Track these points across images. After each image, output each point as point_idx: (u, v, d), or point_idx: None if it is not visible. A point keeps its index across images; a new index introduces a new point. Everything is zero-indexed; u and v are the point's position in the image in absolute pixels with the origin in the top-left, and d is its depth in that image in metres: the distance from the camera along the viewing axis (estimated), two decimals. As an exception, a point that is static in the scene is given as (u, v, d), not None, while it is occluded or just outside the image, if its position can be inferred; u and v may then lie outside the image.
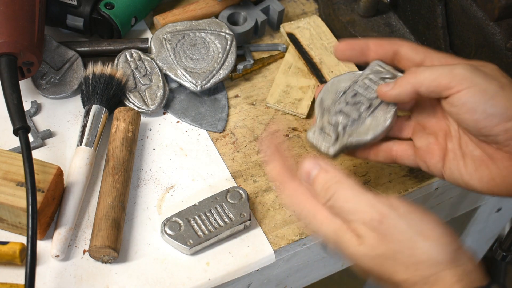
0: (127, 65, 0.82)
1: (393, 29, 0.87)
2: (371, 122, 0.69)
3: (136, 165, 0.76)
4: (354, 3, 0.88)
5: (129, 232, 0.71)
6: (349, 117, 0.69)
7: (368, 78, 0.70)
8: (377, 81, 0.70)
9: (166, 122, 0.81)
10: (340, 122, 0.69)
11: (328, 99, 0.71)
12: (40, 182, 0.66)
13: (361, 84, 0.70)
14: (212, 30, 0.85)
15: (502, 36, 0.74)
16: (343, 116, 0.69)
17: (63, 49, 0.82)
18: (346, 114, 0.69)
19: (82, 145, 0.74)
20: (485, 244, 1.24)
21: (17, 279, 0.66)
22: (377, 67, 0.70)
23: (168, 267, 0.69)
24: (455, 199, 0.90)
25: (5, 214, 0.67)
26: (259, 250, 0.71)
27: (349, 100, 0.70)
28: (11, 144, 0.75)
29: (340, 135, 0.68)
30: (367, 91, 0.70)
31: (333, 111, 0.70)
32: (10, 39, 0.72)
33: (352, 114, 0.69)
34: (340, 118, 0.69)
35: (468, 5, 0.76)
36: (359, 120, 0.69)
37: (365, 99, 0.69)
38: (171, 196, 0.74)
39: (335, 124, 0.69)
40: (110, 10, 0.83)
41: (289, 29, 0.89)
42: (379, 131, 0.68)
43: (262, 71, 0.87)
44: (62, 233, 0.68)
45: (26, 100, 0.78)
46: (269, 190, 0.76)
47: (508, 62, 0.74)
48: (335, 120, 0.69)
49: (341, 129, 0.69)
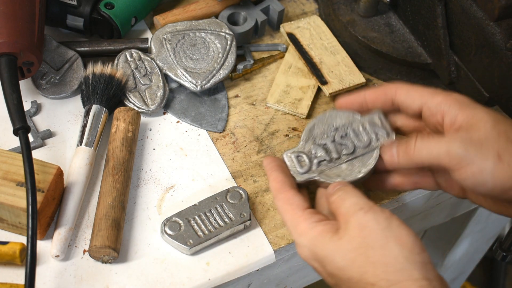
0: (127, 65, 0.82)
1: (393, 29, 0.87)
2: (345, 168, 0.70)
3: (136, 165, 0.76)
4: (354, 3, 0.88)
5: (129, 232, 0.71)
6: (328, 155, 0.70)
7: (363, 126, 0.71)
8: (370, 133, 0.71)
9: (166, 122, 0.81)
10: (318, 156, 0.70)
11: (319, 129, 0.72)
12: (40, 182, 0.66)
13: (354, 128, 0.72)
14: (212, 30, 0.85)
15: (502, 36, 0.74)
16: (324, 151, 0.71)
17: (63, 49, 0.82)
18: (328, 151, 0.71)
19: (82, 145, 0.74)
20: (485, 244, 1.24)
21: (17, 279, 0.66)
22: (376, 119, 0.72)
23: (168, 267, 0.69)
24: (455, 199, 0.90)
25: (5, 214, 0.67)
26: (259, 250, 0.71)
27: (336, 139, 0.71)
28: (11, 144, 0.75)
29: (312, 168, 0.70)
30: (356, 138, 0.71)
31: (317, 142, 0.71)
32: (10, 39, 0.72)
33: (332, 153, 0.71)
34: (320, 153, 0.70)
35: (468, 5, 0.76)
36: (335, 162, 0.70)
37: (352, 144, 0.71)
38: (171, 196, 0.74)
39: (313, 156, 0.70)
40: (110, 10, 0.83)
41: (289, 29, 0.89)
42: (347, 179, 0.69)
43: (262, 71, 0.87)
44: (62, 233, 0.68)
45: (26, 100, 0.78)
46: (269, 190, 0.76)
47: (508, 62, 0.74)
48: (315, 152, 0.70)
49: (315, 163, 0.70)
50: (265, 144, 0.80)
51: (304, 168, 0.70)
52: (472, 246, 1.21)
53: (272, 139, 0.80)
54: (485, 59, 0.77)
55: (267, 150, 0.79)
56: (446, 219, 0.96)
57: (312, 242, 0.61)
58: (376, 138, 0.71)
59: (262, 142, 0.80)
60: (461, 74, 0.81)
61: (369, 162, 0.70)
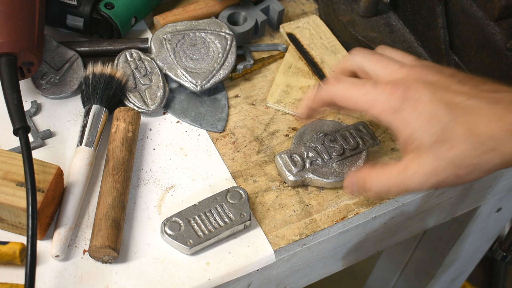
0: (127, 65, 0.82)
1: (393, 29, 0.87)
2: (337, 167, 0.76)
3: (136, 165, 0.76)
4: (354, 3, 0.88)
5: (129, 232, 0.71)
6: (320, 156, 0.76)
7: (349, 132, 0.78)
8: (356, 137, 0.78)
9: (166, 122, 0.81)
10: (310, 156, 0.76)
11: (309, 135, 0.78)
12: (40, 182, 0.66)
13: (342, 134, 0.78)
14: (212, 30, 0.85)
15: (502, 36, 0.74)
16: (315, 152, 0.76)
17: (63, 49, 0.82)
18: (319, 152, 0.76)
19: (82, 145, 0.74)
20: (485, 244, 1.24)
21: (17, 279, 0.66)
22: (361, 127, 0.79)
23: (168, 267, 0.69)
24: (455, 199, 0.90)
25: (5, 214, 0.67)
26: (259, 250, 0.71)
27: (326, 143, 0.77)
28: (11, 144, 0.75)
29: (305, 167, 0.75)
30: (345, 141, 0.77)
31: (308, 146, 0.77)
32: (10, 39, 0.72)
33: (323, 154, 0.76)
34: (312, 153, 0.76)
35: (468, 5, 0.76)
36: (327, 162, 0.76)
37: (341, 147, 0.77)
38: (171, 196, 0.74)
39: (306, 156, 0.76)
40: (110, 10, 0.83)
41: (289, 29, 0.89)
42: (339, 179, 0.75)
43: (262, 71, 0.87)
44: (62, 233, 0.68)
45: (26, 100, 0.79)
46: (269, 190, 0.76)
47: (508, 62, 0.74)
48: (307, 153, 0.76)
49: (308, 162, 0.75)
50: (265, 144, 0.80)
51: (298, 167, 0.75)
52: (472, 246, 1.21)
53: (272, 139, 0.80)
54: (485, 59, 0.77)
55: (267, 150, 0.79)
56: (446, 219, 0.96)
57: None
58: (363, 142, 0.77)
59: (262, 142, 0.80)
60: (461, 74, 0.81)
61: (358, 162, 0.76)
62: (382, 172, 0.64)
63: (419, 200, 0.82)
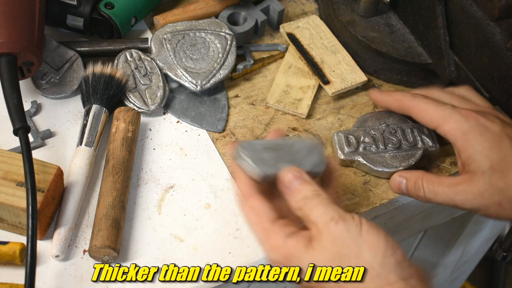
0: (127, 65, 0.82)
1: (393, 29, 0.87)
2: (388, 159, 0.77)
3: (136, 165, 0.76)
4: (354, 3, 0.88)
5: (129, 232, 0.71)
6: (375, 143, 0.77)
7: (411, 129, 0.79)
8: (417, 136, 0.78)
9: (166, 122, 0.81)
10: (366, 142, 0.77)
11: (372, 122, 0.79)
12: (40, 182, 0.66)
13: (404, 129, 0.79)
14: (212, 30, 0.85)
15: (502, 36, 0.74)
16: (372, 139, 0.77)
17: (63, 49, 0.82)
18: (375, 140, 0.78)
19: (82, 145, 0.74)
20: (485, 244, 1.24)
21: (17, 279, 0.66)
22: (426, 128, 0.78)
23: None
24: (455, 199, 0.90)
25: (5, 214, 0.67)
26: (259, 250, 0.71)
27: (386, 134, 0.78)
28: (11, 144, 0.75)
29: (358, 150, 0.77)
30: (403, 136, 0.78)
31: (367, 132, 0.78)
32: (10, 39, 0.72)
33: (379, 144, 0.78)
34: (368, 139, 0.77)
35: (468, 5, 0.76)
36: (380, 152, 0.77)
37: (398, 141, 0.77)
38: (171, 196, 0.74)
39: (361, 140, 0.77)
40: (110, 10, 0.83)
41: (289, 29, 0.89)
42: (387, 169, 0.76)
43: (262, 71, 0.87)
44: (62, 233, 0.68)
45: (26, 100, 0.78)
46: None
47: (508, 62, 0.74)
48: (364, 138, 0.77)
49: (362, 147, 0.77)
50: (265, 144, 0.80)
51: (350, 148, 0.77)
52: (472, 246, 1.21)
53: (272, 139, 0.80)
54: (485, 59, 0.77)
55: (267, 150, 0.79)
56: (446, 219, 0.96)
57: (286, 257, 0.60)
58: (422, 143, 0.78)
59: (262, 142, 0.80)
60: (461, 74, 0.81)
61: (411, 159, 0.77)
62: (437, 179, 0.71)
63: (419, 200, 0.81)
